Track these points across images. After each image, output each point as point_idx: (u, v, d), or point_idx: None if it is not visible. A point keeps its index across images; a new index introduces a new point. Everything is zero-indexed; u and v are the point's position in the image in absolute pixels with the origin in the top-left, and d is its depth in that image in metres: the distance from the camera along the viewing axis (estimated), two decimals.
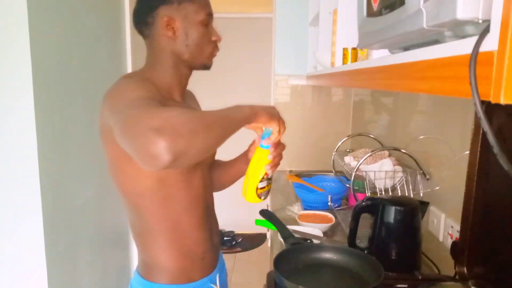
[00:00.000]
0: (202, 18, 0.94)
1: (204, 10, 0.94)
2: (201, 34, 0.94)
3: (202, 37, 0.95)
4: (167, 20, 0.92)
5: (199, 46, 0.95)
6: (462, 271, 0.99)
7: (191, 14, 0.93)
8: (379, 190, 1.49)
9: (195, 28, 0.94)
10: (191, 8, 0.93)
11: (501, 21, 0.36)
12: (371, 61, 0.87)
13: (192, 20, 0.93)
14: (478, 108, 0.39)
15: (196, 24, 0.94)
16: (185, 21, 0.93)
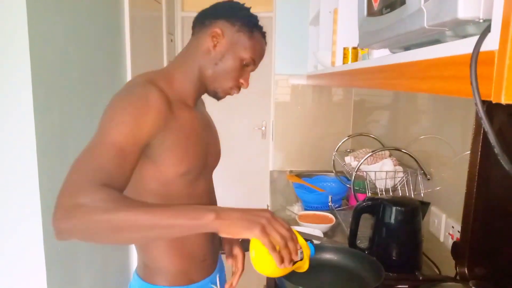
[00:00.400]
0: (245, 56, 0.94)
1: (252, 53, 0.94)
2: (234, 68, 0.94)
3: (233, 70, 0.94)
4: (217, 32, 0.92)
5: (224, 75, 0.95)
6: (463, 271, 0.99)
7: (239, 45, 0.93)
8: (380, 190, 1.49)
9: (233, 58, 0.94)
10: (244, 41, 0.93)
11: (502, 20, 0.36)
12: (372, 61, 0.87)
13: (236, 50, 0.93)
14: (479, 107, 0.39)
15: (236, 56, 0.93)
16: (230, 46, 0.93)
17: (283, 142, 2.60)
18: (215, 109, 1.33)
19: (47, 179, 1.39)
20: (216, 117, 1.17)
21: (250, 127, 3.57)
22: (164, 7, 2.94)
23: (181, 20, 3.38)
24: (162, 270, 0.96)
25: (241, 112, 3.53)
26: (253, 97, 3.52)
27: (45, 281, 1.41)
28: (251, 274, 1.74)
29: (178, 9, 3.34)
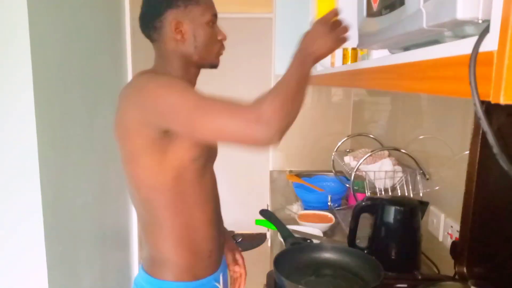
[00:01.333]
0: (208, 19, 0.96)
1: (209, 11, 0.97)
2: (208, 35, 0.97)
3: (209, 37, 0.97)
4: (175, 23, 0.94)
5: (207, 46, 0.98)
6: (462, 271, 0.99)
7: (198, 16, 0.95)
8: (379, 190, 1.49)
9: (202, 29, 0.96)
10: (197, 10, 0.95)
11: (501, 21, 0.36)
12: (371, 61, 0.87)
13: (198, 22, 0.96)
14: (477, 108, 0.39)
15: (202, 25, 0.96)
16: (192, 23, 0.95)
17: (283, 142, 2.59)
18: None
19: (48, 178, 1.40)
20: None
21: None
22: None
23: None
24: (169, 263, 0.97)
25: None
26: (253, 97, 3.52)
27: (46, 281, 1.42)
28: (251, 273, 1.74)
29: None
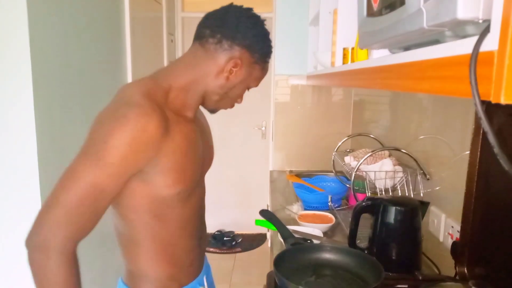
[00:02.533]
0: (253, 85, 0.95)
1: (259, 80, 0.95)
2: (239, 95, 0.95)
3: (237, 96, 0.96)
4: (235, 63, 0.88)
5: (229, 100, 0.96)
6: (463, 271, 0.99)
7: (253, 77, 0.93)
8: (379, 190, 1.49)
9: (243, 88, 0.94)
10: (257, 73, 0.93)
11: (501, 21, 0.36)
12: (371, 61, 0.87)
13: (249, 81, 0.93)
14: (478, 108, 0.39)
15: (246, 85, 0.94)
16: (245, 77, 0.91)
17: (283, 142, 2.60)
18: None
19: (47, 179, 1.40)
20: (217, 117, 1.18)
21: (250, 127, 3.58)
22: (165, 7, 2.94)
23: (182, 20, 3.38)
24: (150, 277, 0.94)
25: (241, 112, 3.53)
26: (253, 97, 3.51)
27: None
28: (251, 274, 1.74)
29: (178, 10, 3.34)
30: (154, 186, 0.85)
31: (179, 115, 0.88)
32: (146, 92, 0.83)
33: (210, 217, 1.27)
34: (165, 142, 0.81)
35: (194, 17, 3.38)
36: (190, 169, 0.89)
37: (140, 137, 0.76)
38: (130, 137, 0.76)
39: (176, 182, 0.86)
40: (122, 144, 0.76)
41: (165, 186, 0.85)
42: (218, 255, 3.26)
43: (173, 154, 0.83)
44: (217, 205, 3.46)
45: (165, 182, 0.85)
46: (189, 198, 0.93)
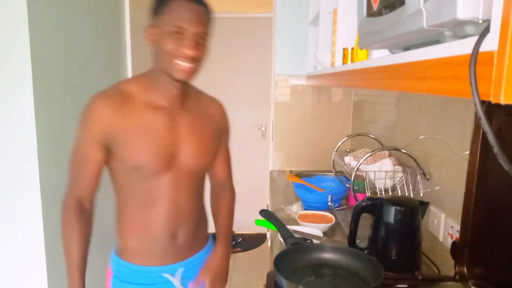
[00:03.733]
0: (168, 29, 0.95)
1: (171, 21, 0.95)
2: (165, 43, 0.96)
3: (166, 46, 0.96)
4: (146, 29, 1.00)
5: (163, 54, 0.97)
6: (462, 271, 0.99)
7: (160, 26, 0.97)
8: (379, 190, 1.49)
9: (162, 38, 0.97)
10: (159, 20, 0.97)
11: (501, 21, 0.36)
12: (371, 61, 0.87)
13: (160, 31, 0.97)
14: (478, 108, 0.39)
15: (162, 35, 0.96)
16: (157, 32, 0.98)
17: (283, 142, 2.60)
18: None
19: (48, 180, 1.40)
20: None
21: (250, 127, 3.58)
22: None
23: None
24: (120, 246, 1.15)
25: (241, 112, 3.53)
26: (253, 97, 3.52)
27: (46, 281, 1.42)
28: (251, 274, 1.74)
29: None
30: (117, 159, 1.03)
31: (149, 104, 1.03)
32: (121, 85, 1.05)
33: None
34: (118, 120, 0.99)
35: None
36: (145, 149, 1.02)
37: (93, 113, 1.00)
38: (89, 114, 1.01)
39: (130, 156, 1.02)
40: (84, 119, 1.02)
41: (123, 158, 1.02)
42: None
43: (127, 131, 1.00)
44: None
45: (122, 155, 1.02)
46: (154, 179, 1.05)
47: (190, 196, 1.12)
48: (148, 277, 1.11)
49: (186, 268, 1.15)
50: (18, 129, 1.33)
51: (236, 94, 3.53)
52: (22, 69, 1.29)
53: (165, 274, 1.11)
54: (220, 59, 3.44)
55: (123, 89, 1.04)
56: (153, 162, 1.02)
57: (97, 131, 0.99)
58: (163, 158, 1.03)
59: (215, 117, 1.18)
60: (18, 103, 1.31)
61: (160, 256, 1.11)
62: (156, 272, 1.11)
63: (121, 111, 1.00)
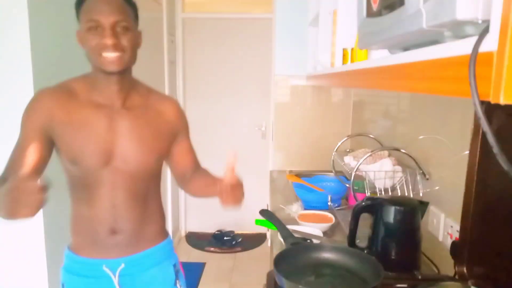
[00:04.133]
0: (84, 26, 1.00)
1: (84, 17, 1.00)
2: (86, 39, 1.00)
3: (88, 41, 1.00)
4: (76, 34, 1.05)
5: (89, 49, 1.02)
6: (462, 270, 0.99)
7: (81, 24, 1.01)
8: (379, 190, 1.49)
9: (82, 35, 1.02)
10: (81, 18, 1.01)
11: (500, 21, 0.36)
12: (371, 61, 0.87)
13: (80, 29, 1.02)
14: (477, 108, 0.39)
15: (81, 32, 1.02)
16: (81, 30, 1.02)
17: (283, 142, 2.60)
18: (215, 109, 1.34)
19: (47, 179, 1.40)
20: (216, 117, 1.18)
21: (250, 127, 3.58)
22: (165, 8, 2.94)
23: (182, 21, 3.38)
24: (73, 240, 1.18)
25: (241, 112, 3.53)
26: (253, 97, 3.52)
27: (46, 281, 1.42)
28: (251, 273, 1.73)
29: (178, 10, 3.34)
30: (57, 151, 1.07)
31: (90, 101, 1.06)
32: (67, 82, 1.09)
33: (210, 217, 1.27)
34: (58, 113, 1.03)
35: (194, 18, 3.38)
36: (80, 144, 1.05)
37: (35, 105, 1.05)
38: (31, 106, 1.05)
39: (66, 150, 1.05)
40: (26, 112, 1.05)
41: (61, 151, 1.06)
42: (218, 255, 3.26)
43: (66, 126, 1.04)
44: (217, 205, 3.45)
45: (59, 147, 1.06)
46: (91, 175, 1.07)
47: (128, 196, 1.11)
48: (90, 269, 1.14)
49: (128, 265, 1.14)
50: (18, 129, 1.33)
51: (236, 94, 3.53)
52: (22, 69, 1.29)
53: (105, 268, 1.13)
54: (220, 59, 3.44)
55: (68, 86, 1.07)
56: (88, 158, 1.05)
57: (38, 122, 1.03)
58: (98, 155, 1.05)
59: (164, 115, 1.15)
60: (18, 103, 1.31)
61: (101, 250, 1.13)
62: (97, 264, 1.13)
63: (62, 106, 1.04)
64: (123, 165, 1.08)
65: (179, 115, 1.19)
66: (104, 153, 1.06)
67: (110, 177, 1.08)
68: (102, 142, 1.05)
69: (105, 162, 1.06)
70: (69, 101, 1.05)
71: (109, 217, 1.10)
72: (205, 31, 3.37)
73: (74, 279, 1.14)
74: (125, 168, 1.09)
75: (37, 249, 1.39)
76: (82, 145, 1.04)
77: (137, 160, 1.09)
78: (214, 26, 3.37)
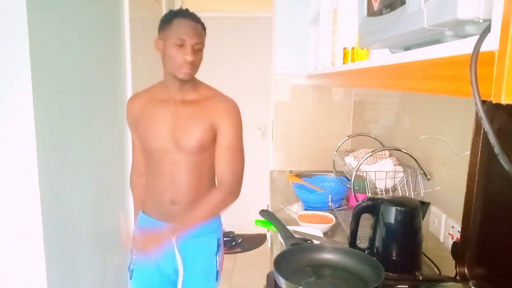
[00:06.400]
0: (172, 42, 1.26)
1: (174, 36, 1.25)
2: (170, 52, 1.27)
3: (171, 54, 1.27)
4: (155, 44, 1.34)
5: (169, 60, 1.29)
6: (463, 271, 0.99)
7: (166, 40, 1.27)
8: (380, 190, 1.49)
9: (167, 49, 1.28)
10: (166, 35, 1.28)
11: (502, 20, 0.36)
12: (372, 61, 0.87)
13: (166, 44, 1.27)
14: (479, 107, 0.39)
15: (167, 47, 1.27)
16: (164, 44, 1.29)
17: (283, 142, 2.60)
18: None
19: (47, 179, 1.39)
20: None
21: (250, 127, 3.58)
22: (164, 7, 2.94)
23: None
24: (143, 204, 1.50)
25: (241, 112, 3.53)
26: (253, 97, 3.52)
27: (45, 281, 1.41)
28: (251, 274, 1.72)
29: None
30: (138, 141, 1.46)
31: (155, 98, 1.39)
32: (152, 86, 1.46)
33: None
34: (137, 112, 1.40)
35: None
36: (145, 130, 1.37)
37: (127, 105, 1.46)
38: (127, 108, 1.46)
39: (142, 140, 1.40)
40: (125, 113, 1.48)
41: (140, 141, 1.43)
42: None
43: (140, 121, 1.39)
44: None
45: (138, 138, 1.44)
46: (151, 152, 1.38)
47: (184, 173, 1.36)
48: (156, 227, 1.40)
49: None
50: (18, 129, 1.33)
51: (236, 94, 3.52)
52: (21, 69, 1.29)
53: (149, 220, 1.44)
54: (220, 59, 3.44)
55: (150, 88, 1.44)
56: (153, 141, 1.35)
57: (128, 118, 1.45)
58: (161, 138, 1.34)
59: (208, 109, 1.35)
60: (18, 103, 1.31)
61: (163, 215, 1.40)
62: (162, 225, 1.38)
63: (140, 103, 1.40)
64: (178, 146, 1.34)
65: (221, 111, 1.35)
66: (165, 136, 1.34)
67: (170, 156, 1.35)
68: (164, 127, 1.34)
69: (166, 143, 1.34)
70: (146, 99, 1.39)
71: (170, 190, 1.38)
72: None
73: None
74: (180, 149, 1.34)
75: (35, 249, 1.39)
76: (143, 125, 1.37)
77: (188, 142, 1.33)
78: (214, 25, 3.36)
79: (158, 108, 1.36)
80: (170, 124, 1.34)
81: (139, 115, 1.38)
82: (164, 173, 1.37)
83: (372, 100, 2.24)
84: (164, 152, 1.35)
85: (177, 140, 1.34)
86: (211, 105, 1.36)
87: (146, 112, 1.37)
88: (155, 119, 1.35)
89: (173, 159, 1.35)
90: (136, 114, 1.39)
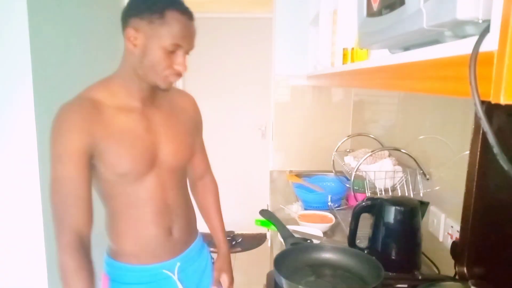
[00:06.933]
0: (165, 44, 0.93)
1: (171, 38, 0.93)
2: (159, 59, 0.95)
3: (159, 62, 0.95)
4: (131, 32, 0.95)
5: (153, 67, 0.96)
6: (462, 271, 0.99)
7: (155, 36, 0.93)
8: (379, 190, 1.49)
9: (155, 50, 0.94)
10: (158, 31, 0.93)
11: (501, 21, 0.36)
12: (371, 61, 0.87)
13: (154, 42, 0.94)
14: (478, 108, 0.39)
15: (156, 47, 0.94)
16: (148, 40, 0.94)
17: (283, 142, 2.60)
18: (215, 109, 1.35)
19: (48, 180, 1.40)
20: (216, 117, 1.19)
21: (250, 127, 3.58)
22: None
23: None
24: (116, 250, 1.10)
25: (241, 112, 3.53)
26: (253, 97, 3.52)
27: (46, 281, 1.42)
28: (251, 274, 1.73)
29: None
30: (100, 170, 0.99)
31: (121, 108, 1.00)
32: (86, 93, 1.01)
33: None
34: (96, 129, 0.95)
35: None
36: (127, 154, 0.99)
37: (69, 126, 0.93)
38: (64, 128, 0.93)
39: (113, 165, 0.98)
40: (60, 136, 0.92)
41: (107, 167, 0.98)
42: None
43: (107, 139, 0.96)
44: None
45: (105, 164, 0.98)
46: (140, 181, 1.03)
47: (177, 192, 1.12)
48: (148, 275, 1.10)
49: (182, 262, 1.16)
50: (18, 129, 1.33)
51: (236, 94, 3.53)
52: (22, 69, 1.29)
53: (165, 271, 1.12)
54: (220, 59, 3.44)
55: (89, 97, 0.99)
56: (137, 166, 1.01)
57: (78, 144, 0.92)
58: (146, 160, 1.03)
59: (187, 111, 1.17)
60: (19, 103, 1.31)
61: (159, 253, 1.11)
62: (156, 269, 1.11)
63: (97, 119, 0.96)
64: (166, 164, 1.08)
65: (198, 110, 1.23)
66: (150, 156, 1.04)
67: (157, 178, 1.06)
68: (146, 146, 1.02)
69: (152, 164, 1.04)
70: (100, 112, 0.97)
71: (165, 217, 1.09)
72: (204, 31, 3.37)
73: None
74: (169, 167, 1.08)
75: (36, 249, 1.39)
76: (129, 155, 0.99)
77: (178, 156, 1.10)
78: (214, 26, 3.37)
79: (131, 121, 1.01)
80: (153, 139, 1.04)
81: (103, 135, 0.96)
82: (153, 200, 1.06)
83: (371, 100, 2.25)
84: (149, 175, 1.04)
85: (166, 157, 1.07)
86: (185, 105, 1.17)
87: (116, 130, 0.98)
88: (133, 136, 1.00)
89: (161, 180, 1.07)
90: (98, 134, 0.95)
